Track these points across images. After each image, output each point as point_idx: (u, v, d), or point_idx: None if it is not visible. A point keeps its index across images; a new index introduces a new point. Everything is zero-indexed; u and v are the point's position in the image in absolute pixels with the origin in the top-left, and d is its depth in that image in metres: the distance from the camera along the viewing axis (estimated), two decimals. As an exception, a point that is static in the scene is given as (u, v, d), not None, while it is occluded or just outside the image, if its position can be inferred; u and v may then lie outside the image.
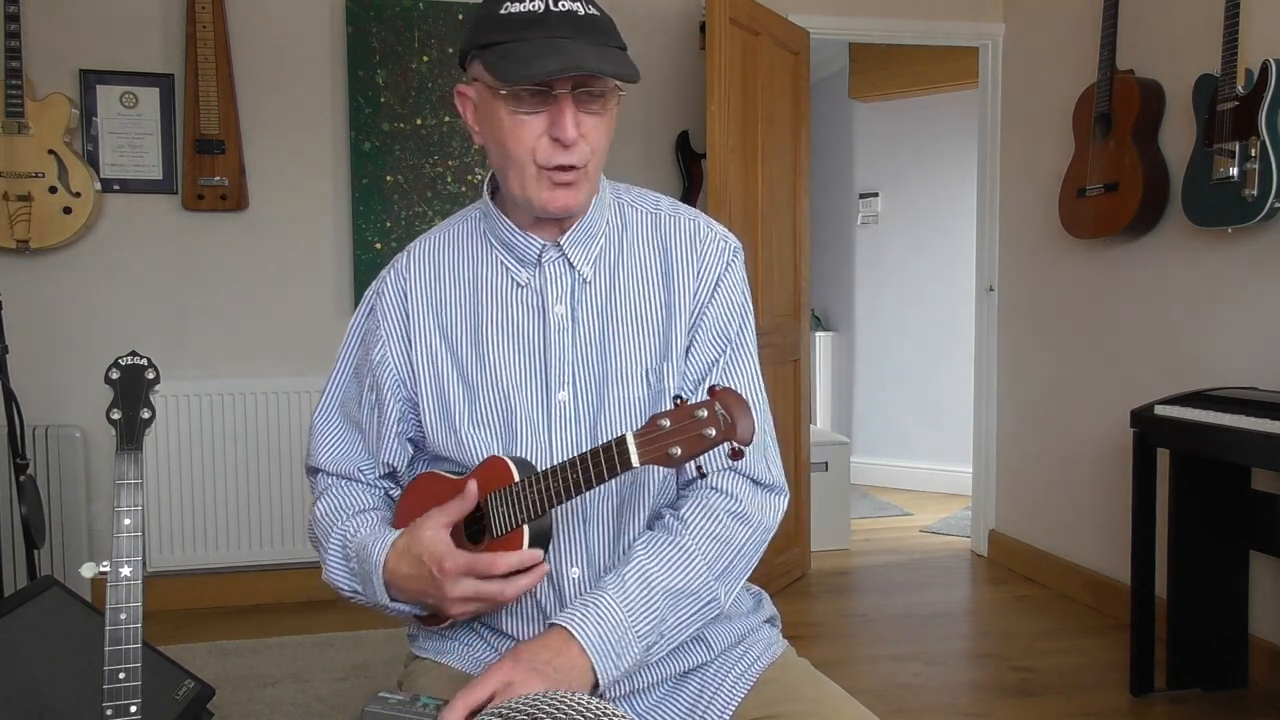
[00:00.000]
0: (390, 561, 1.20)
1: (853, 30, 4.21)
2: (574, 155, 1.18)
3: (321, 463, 1.36)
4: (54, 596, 2.04)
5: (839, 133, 5.86)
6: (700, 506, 1.23)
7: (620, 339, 1.26)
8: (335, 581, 1.28)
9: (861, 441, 5.72)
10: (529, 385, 1.25)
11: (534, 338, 1.26)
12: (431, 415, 1.27)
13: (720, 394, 1.05)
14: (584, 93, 1.17)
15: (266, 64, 3.56)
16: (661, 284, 1.29)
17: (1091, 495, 3.57)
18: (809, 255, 4.00)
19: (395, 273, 1.33)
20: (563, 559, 1.24)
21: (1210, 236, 2.97)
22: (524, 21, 1.14)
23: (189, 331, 3.55)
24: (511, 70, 1.13)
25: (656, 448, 1.04)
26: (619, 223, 1.32)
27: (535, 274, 1.27)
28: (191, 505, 3.50)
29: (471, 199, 3.68)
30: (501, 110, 1.17)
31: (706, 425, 1.03)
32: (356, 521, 1.28)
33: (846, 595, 3.78)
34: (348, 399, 1.35)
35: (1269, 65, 2.65)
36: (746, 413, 1.04)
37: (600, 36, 1.16)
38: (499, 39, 1.15)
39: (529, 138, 1.17)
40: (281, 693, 2.75)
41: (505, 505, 1.16)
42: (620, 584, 1.15)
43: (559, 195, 1.20)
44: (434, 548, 1.16)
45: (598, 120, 1.19)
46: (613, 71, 1.14)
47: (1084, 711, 2.68)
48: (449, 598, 1.15)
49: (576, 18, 1.15)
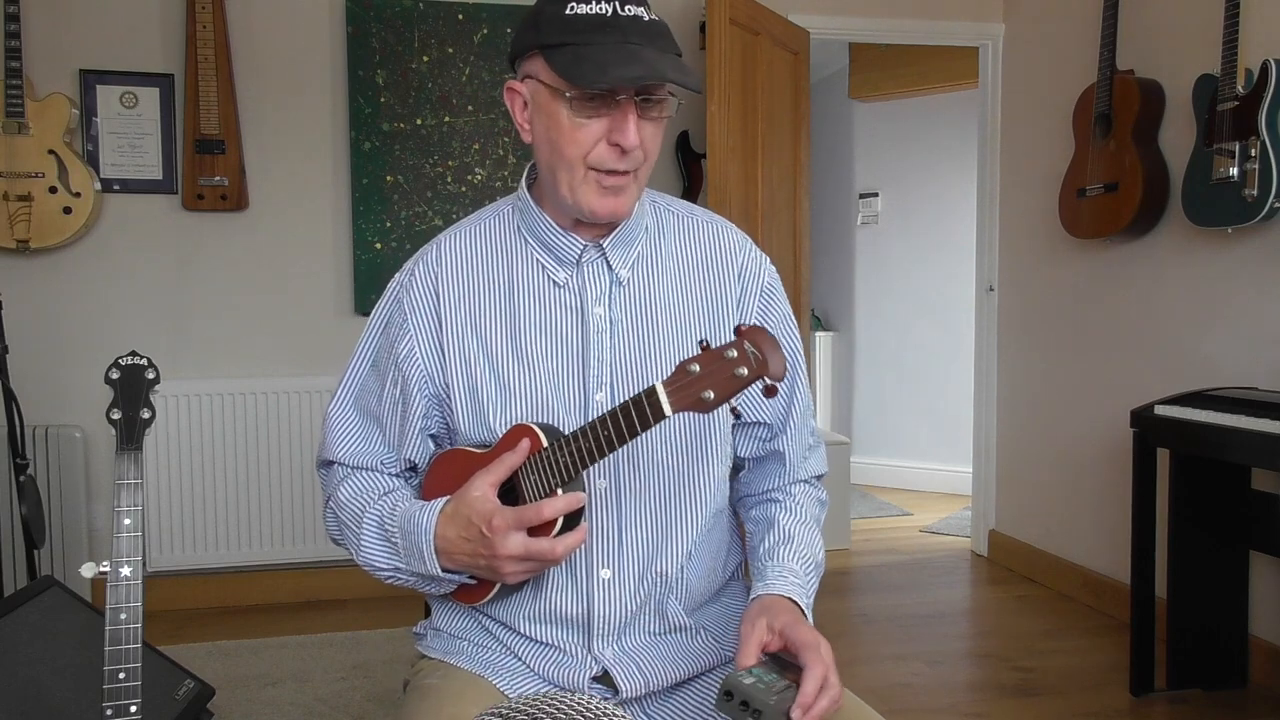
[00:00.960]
0: (440, 527, 1.18)
1: (853, 30, 4.21)
2: (631, 161, 1.17)
3: (338, 456, 1.32)
4: (54, 596, 2.04)
5: (839, 133, 5.86)
6: (807, 497, 1.37)
7: (659, 340, 1.26)
8: (373, 562, 1.25)
9: (861, 441, 5.72)
10: (567, 385, 1.24)
11: (573, 338, 1.25)
12: (463, 411, 1.26)
13: (748, 332, 1.03)
14: (645, 99, 1.16)
15: (266, 64, 3.56)
16: (701, 286, 1.30)
17: (1091, 495, 3.57)
18: (809, 255, 4.01)
19: (425, 265, 1.30)
20: (595, 560, 1.23)
21: (1210, 236, 2.97)
22: (594, 24, 1.12)
23: (189, 331, 3.55)
24: (587, 75, 1.11)
25: (689, 394, 1.02)
26: (656, 227, 1.32)
27: (574, 274, 1.26)
28: (191, 505, 3.50)
29: (471, 199, 3.68)
30: (562, 111, 1.16)
31: (738, 365, 1.01)
32: (391, 499, 1.26)
33: (846, 595, 3.78)
34: (365, 392, 1.33)
35: (1269, 65, 2.65)
36: (776, 348, 1.02)
37: (664, 43, 1.16)
38: (567, 40, 1.13)
39: (588, 141, 1.16)
40: (281, 693, 2.75)
41: (536, 471, 1.15)
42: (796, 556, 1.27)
43: (608, 202, 1.19)
44: (483, 506, 1.14)
45: (655, 127, 1.19)
46: (684, 81, 1.13)
47: (1084, 711, 2.68)
48: (500, 555, 1.13)
49: (643, 23, 1.14)
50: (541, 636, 1.25)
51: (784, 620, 1.14)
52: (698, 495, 1.27)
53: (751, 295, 1.31)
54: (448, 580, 1.22)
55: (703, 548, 1.30)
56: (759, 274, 1.33)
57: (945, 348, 5.41)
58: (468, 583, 1.23)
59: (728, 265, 1.31)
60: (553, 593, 1.24)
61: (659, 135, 1.21)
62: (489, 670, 1.26)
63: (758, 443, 1.35)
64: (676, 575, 1.27)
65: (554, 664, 1.25)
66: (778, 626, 1.13)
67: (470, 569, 1.19)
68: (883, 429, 5.74)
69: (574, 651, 1.25)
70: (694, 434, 1.26)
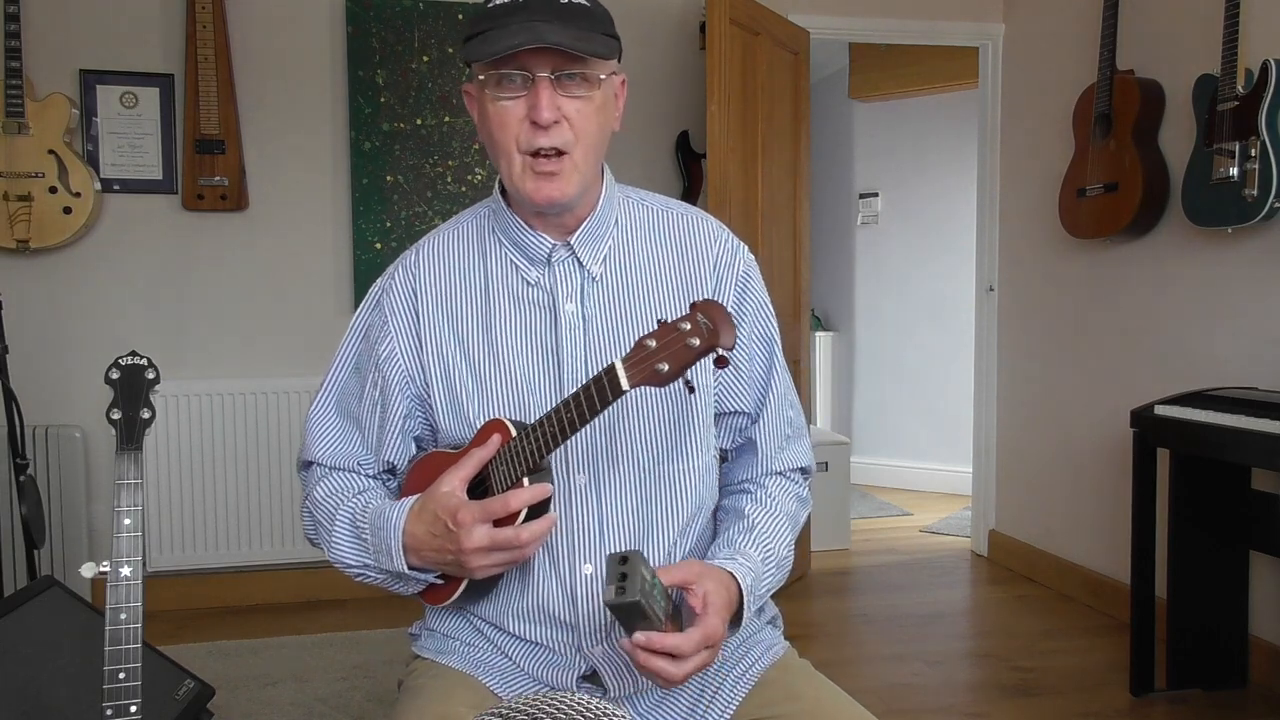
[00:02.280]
0: (409, 524, 1.18)
1: (853, 30, 4.21)
2: (553, 137, 1.17)
3: (317, 456, 1.34)
4: (54, 596, 2.04)
5: (839, 133, 5.86)
6: (783, 491, 1.33)
7: (634, 334, 1.26)
8: (344, 559, 1.25)
9: (861, 441, 5.72)
10: (541, 383, 1.25)
11: (546, 336, 1.26)
12: (443, 410, 1.27)
13: (701, 305, 1.05)
14: (565, 76, 1.16)
15: (266, 64, 3.56)
16: (675, 278, 1.30)
17: (1091, 495, 3.57)
18: (809, 255, 4.00)
19: (404, 269, 1.32)
20: (577, 555, 1.23)
21: (1210, 236, 2.97)
22: (505, 10, 1.15)
23: (189, 331, 3.55)
24: (477, 51, 1.15)
25: (644, 368, 1.04)
26: (627, 221, 1.32)
27: (545, 273, 1.27)
28: (191, 505, 3.50)
29: (471, 199, 3.68)
30: (486, 98, 1.19)
31: (690, 336, 1.03)
32: (364, 498, 1.27)
33: (846, 595, 3.78)
34: (346, 394, 1.34)
35: (1269, 65, 2.65)
36: (727, 319, 1.04)
37: (584, 22, 1.16)
38: (481, 28, 1.16)
39: (512, 123, 1.18)
40: (281, 693, 2.75)
41: (505, 463, 1.16)
42: (757, 544, 1.24)
43: (543, 186, 1.19)
44: (449, 502, 1.15)
45: (582, 104, 1.18)
46: (571, 45, 1.13)
47: (1084, 711, 2.68)
48: (466, 549, 1.13)
49: (558, 5, 1.15)
50: (531, 635, 1.26)
51: (710, 588, 1.13)
52: (678, 488, 1.27)
53: (727, 284, 1.31)
54: (414, 578, 1.22)
55: (689, 542, 1.30)
56: (734, 263, 1.32)
57: (945, 348, 5.41)
58: (435, 582, 1.23)
59: (702, 255, 1.31)
60: (540, 591, 1.24)
61: (591, 112, 1.19)
62: (479, 670, 1.27)
63: (735, 433, 1.35)
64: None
65: (543, 663, 1.25)
66: (701, 591, 1.12)
67: (439, 565, 1.20)
68: (883, 429, 5.74)
69: (563, 650, 1.25)
70: (671, 425, 1.26)
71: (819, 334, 5.87)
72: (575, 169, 1.20)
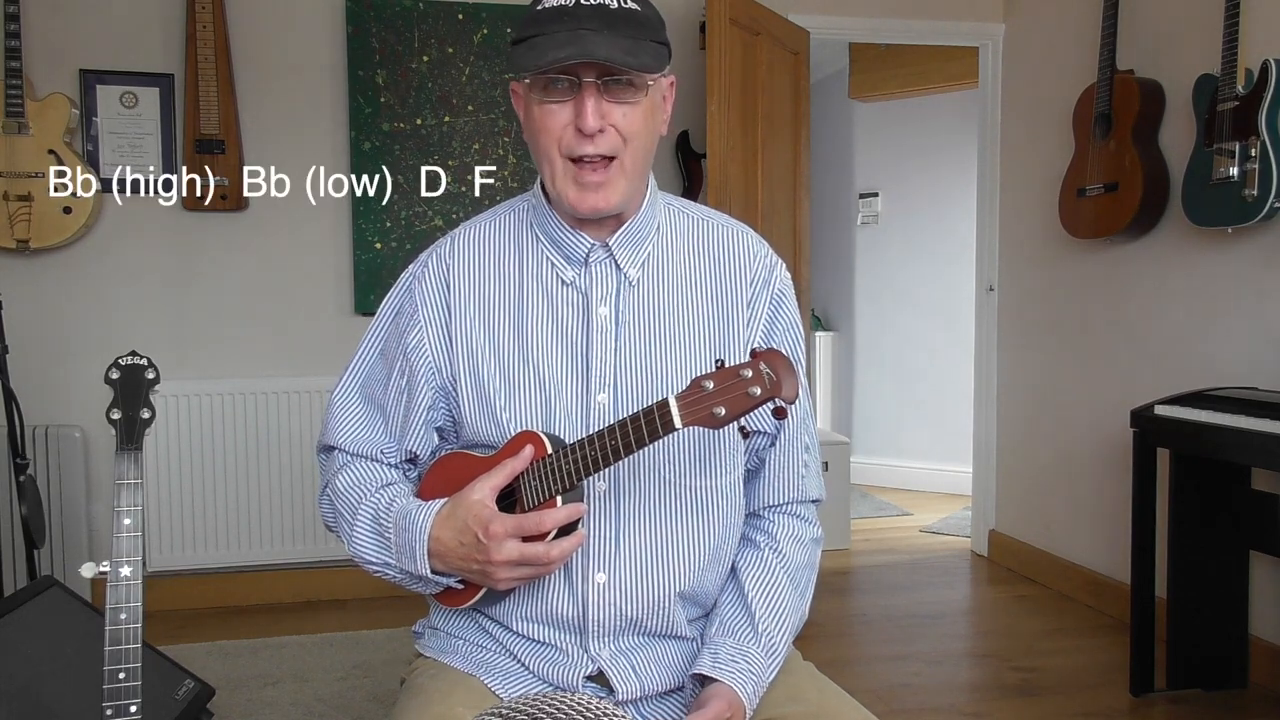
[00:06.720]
0: (435, 529, 1.17)
1: (853, 30, 4.21)
2: (598, 145, 1.17)
3: (340, 442, 1.31)
4: (54, 596, 2.05)
5: (839, 133, 5.86)
6: (792, 538, 1.32)
7: (665, 343, 1.25)
8: (363, 554, 1.24)
9: (861, 441, 5.71)
10: (569, 385, 1.23)
11: (577, 337, 1.24)
12: (470, 404, 1.25)
13: (764, 354, 1.04)
14: (612, 82, 1.15)
15: (266, 64, 3.56)
16: (711, 289, 1.29)
17: (1091, 495, 3.57)
18: (809, 255, 4.00)
19: (438, 258, 1.30)
20: (590, 565, 1.22)
21: (1210, 236, 2.97)
22: (554, 14, 1.14)
23: (189, 331, 3.54)
24: (524, 60, 1.14)
25: (700, 409, 1.03)
26: (668, 228, 1.31)
27: (581, 273, 1.26)
28: (191, 505, 3.50)
29: (471, 199, 3.68)
30: (532, 102, 1.18)
31: (751, 384, 1.02)
32: (389, 493, 1.25)
33: (846, 595, 3.78)
34: (371, 379, 1.32)
35: (1269, 65, 2.65)
36: (791, 371, 1.03)
37: (631, 29, 1.14)
38: (530, 33, 1.15)
39: (556, 128, 1.17)
40: (281, 693, 2.75)
41: (538, 478, 1.15)
42: (756, 639, 1.23)
43: (587, 197, 1.19)
44: (481, 512, 1.14)
45: (628, 109, 1.17)
46: (622, 60, 1.12)
47: (1084, 711, 2.68)
48: (494, 561, 1.13)
49: (607, 10, 1.13)
50: (537, 635, 1.25)
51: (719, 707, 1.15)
52: (702, 507, 1.25)
53: (762, 301, 1.29)
54: (435, 582, 1.21)
55: (715, 562, 1.28)
56: (770, 279, 1.31)
57: (945, 348, 5.40)
58: (455, 586, 1.23)
59: (740, 269, 1.30)
60: (548, 594, 1.23)
61: (638, 118, 1.18)
62: (482, 670, 1.26)
63: (751, 454, 1.34)
64: (685, 588, 1.25)
65: (549, 662, 1.24)
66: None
67: (462, 573, 1.19)
68: (883, 429, 5.74)
69: (569, 650, 1.24)
70: (699, 442, 1.25)
71: (819, 334, 5.87)
72: (623, 174, 1.20)
